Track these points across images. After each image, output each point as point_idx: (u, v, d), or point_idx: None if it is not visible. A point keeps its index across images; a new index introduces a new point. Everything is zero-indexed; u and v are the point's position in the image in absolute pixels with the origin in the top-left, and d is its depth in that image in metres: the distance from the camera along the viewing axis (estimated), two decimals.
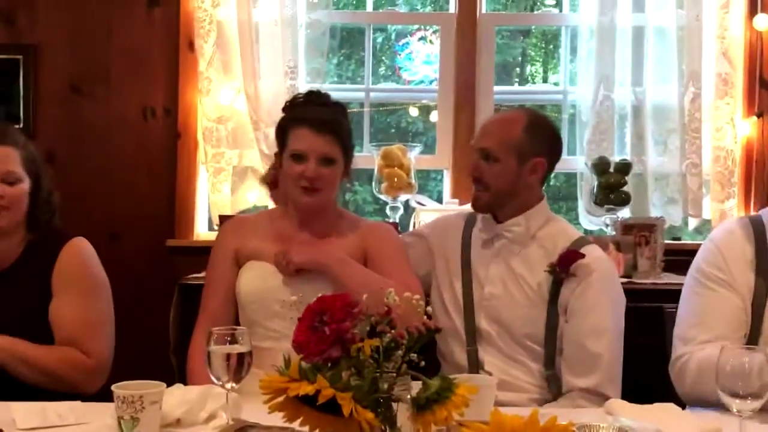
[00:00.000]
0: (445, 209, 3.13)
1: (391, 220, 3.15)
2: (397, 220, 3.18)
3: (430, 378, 1.26)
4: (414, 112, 5.05)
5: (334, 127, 2.11)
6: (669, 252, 3.08)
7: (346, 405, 1.18)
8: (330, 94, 2.23)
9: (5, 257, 2.12)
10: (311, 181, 2.08)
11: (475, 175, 2.19)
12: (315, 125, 2.09)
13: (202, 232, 3.45)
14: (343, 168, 2.14)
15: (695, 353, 1.88)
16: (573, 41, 3.44)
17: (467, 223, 2.29)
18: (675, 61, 3.25)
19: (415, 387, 1.26)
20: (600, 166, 3.17)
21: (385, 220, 3.17)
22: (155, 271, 3.30)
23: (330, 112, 2.15)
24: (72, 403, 1.75)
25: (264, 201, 3.33)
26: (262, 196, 3.35)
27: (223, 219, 2.93)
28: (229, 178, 3.33)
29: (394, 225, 2.98)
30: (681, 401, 1.90)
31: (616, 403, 1.78)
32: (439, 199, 3.53)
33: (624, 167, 3.18)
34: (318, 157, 2.08)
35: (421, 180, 3.42)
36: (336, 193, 2.20)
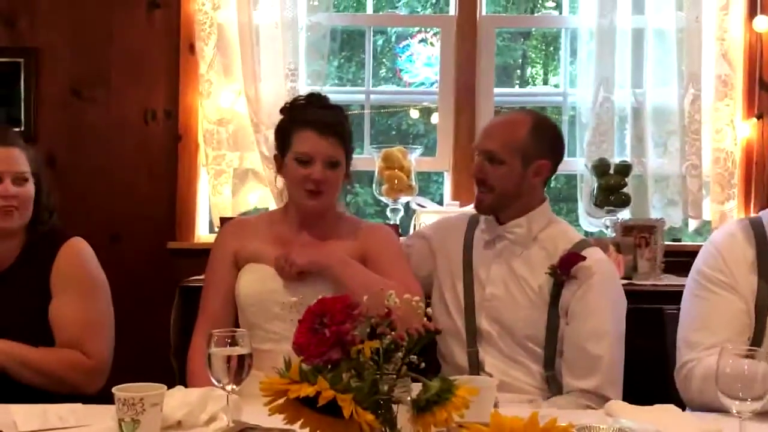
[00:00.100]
0: (445, 211, 3.13)
1: (391, 222, 3.15)
2: (397, 222, 3.18)
3: (430, 379, 1.26)
4: (414, 114, 5.06)
5: (338, 129, 2.12)
6: (669, 253, 3.08)
7: (346, 407, 1.18)
8: (329, 97, 2.24)
9: (4, 258, 2.12)
10: (317, 184, 2.08)
11: (479, 177, 2.18)
12: (320, 128, 2.09)
13: (202, 234, 3.45)
14: (344, 170, 2.15)
15: (702, 360, 1.86)
16: (573, 43, 3.43)
17: (470, 224, 2.29)
18: (675, 62, 3.25)
19: (416, 389, 1.26)
20: (600, 168, 3.17)
21: (386, 222, 3.17)
22: (156, 273, 3.30)
23: (334, 115, 2.15)
24: (73, 406, 1.75)
25: (265, 203, 3.34)
26: (263, 198, 3.35)
27: (223, 221, 2.93)
28: (229, 181, 3.33)
29: (395, 227, 2.98)
30: (681, 402, 1.90)
31: (616, 404, 1.78)
32: (439, 201, 3.53)
33: (624, 169, 3.18)
34: (324, 160, 2.09)
35: (422, 182, 3.42)
36: (338, 195, 2.20)
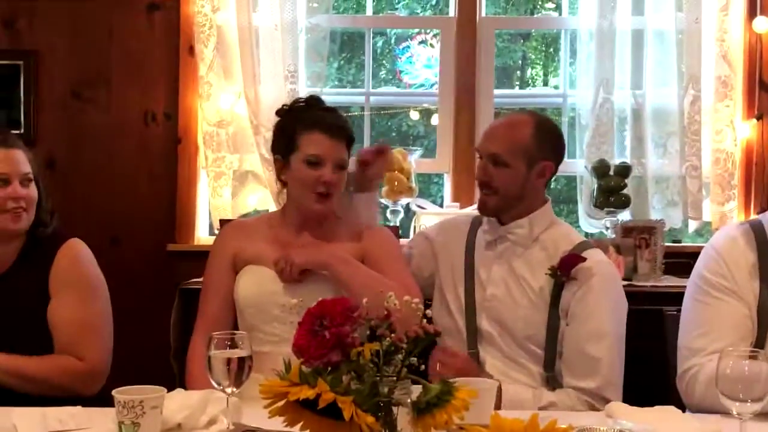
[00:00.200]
0: (445, 213, 3.13)
1: (391, 224, 3.15)
2: (397, 224, 3.18)
3: (430, 382, 1.26)
4: (414, 115, 5.06)
5: (346, 132, 2.13)
6: (669, 254, 3.09)
7: (346, 409, 1.18)
8: (327, 99, 2.24)
9: (4, 260, 2.12)
10: (328, 186, 2.08)
11: (483, 180, 2.16)
12: (330, 131, 2.09)
13: (202, 236, 3.45)
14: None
15: (704, 366, 1.85)
16: (573, 44, 3.44)
17: (473, 225, 2.28)
18: (674, 63, 3.26)
19: (416, 391, 1.26)
20: (600, 169, 3.17)
21: (386, 223, 3.17)
22: (156, 275, 3.30)
23: (340, 118, 2.16)
24: (73, 409, 1.75)
25: (265, 205, 3.34)
26: (262, 200, 3.35)
27: (223, 223, 2.93)
28: (229, 183, 3.33)
29: (395, 229, 2.98)
30: (681, 404, 1.90)
31: (616, 405, 1.78)
32: (440, 202, 3.53)
33: (624, 170, 3.18)
34: (334, 163, 2.08)
35: (422, 183, 3.42)
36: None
